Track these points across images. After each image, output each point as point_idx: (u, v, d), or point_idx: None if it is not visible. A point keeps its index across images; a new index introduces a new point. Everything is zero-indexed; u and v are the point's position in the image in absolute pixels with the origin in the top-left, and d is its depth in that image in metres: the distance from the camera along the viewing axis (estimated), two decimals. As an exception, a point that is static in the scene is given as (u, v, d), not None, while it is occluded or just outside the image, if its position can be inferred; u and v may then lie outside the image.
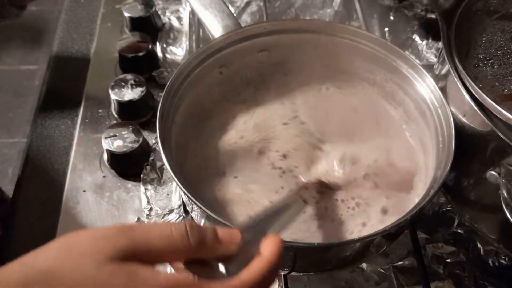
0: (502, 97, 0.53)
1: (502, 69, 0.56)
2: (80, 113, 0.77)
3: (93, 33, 0.88)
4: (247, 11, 0.91)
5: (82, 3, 0.93)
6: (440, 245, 0.65)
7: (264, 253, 0.40)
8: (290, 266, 0.56)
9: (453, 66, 0.56)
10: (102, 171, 0.71)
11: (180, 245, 0.37)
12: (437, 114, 0.59)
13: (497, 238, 0.60)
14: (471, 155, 0.57)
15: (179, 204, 0.67)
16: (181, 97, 0.61)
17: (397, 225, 0.51)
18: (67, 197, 0.69)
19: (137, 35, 0.82)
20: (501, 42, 0.58)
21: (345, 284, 0.62)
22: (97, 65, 0.84)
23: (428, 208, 0.67)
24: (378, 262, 0.63)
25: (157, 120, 0.56)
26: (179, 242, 0.37)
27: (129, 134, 0.70)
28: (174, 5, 0.92)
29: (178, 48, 0.86)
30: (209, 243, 0.39)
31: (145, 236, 0.37)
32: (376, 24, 0.89)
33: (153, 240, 0.37)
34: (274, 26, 0.67)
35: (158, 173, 0.70)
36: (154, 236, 0.37)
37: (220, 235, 0.40)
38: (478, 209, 0.61)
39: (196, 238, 0.38)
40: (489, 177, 0.53)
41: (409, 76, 0.63)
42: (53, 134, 0.75)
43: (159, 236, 0.37)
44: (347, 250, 0.54)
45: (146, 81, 0.75)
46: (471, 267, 0.63)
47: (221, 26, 0.65)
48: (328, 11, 0.90)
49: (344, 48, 0.67)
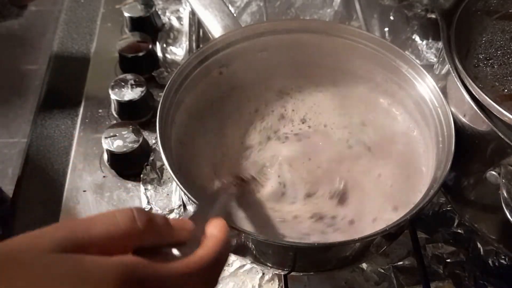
0: (502, 97, 0.53)
1: (502, 69, 0.56)
2: (80, 113, 0.77)
3: (93, 33, 0.88)
4: (247, 11, 0.91)
5: (82, 3, 0.93)
6: (440, 245, 0.65)
7: (213, 233, 0.39)
8: (290, 266, 0.56)
9: (453, 66, 0.56)
10: (102, 171, 0.71)
11: (127, 229, 0.34)
12: (437, 114, 0.59)
13: (497, 238, 0.60)
14: (471, 155, 0.57)
15: (179, 204, 0.67)
16: (181, 97, 0.61)
17: (397, 225, 0.51)
18: (67, 197, 0.69)
19: (137, 35, 0.82)
20: (501, 42, 0.58)
21: (345, 284, 0.62)
22: (97, 65, 0.84)
23: (428, 208, 0.67)
24: (378, 262, 0.63)
25: (157, 120, 0.56)
26: (126, 226, 0.34)
27: (129, 134, 0.70)
28: (174, 5, 0.92)
29: (178, 48, 0.86)
30: (159, 226, 0.36)
31: (87, 224, 0.34)
32: (376, 24, 0.89)
33: (95, 228, 0.33)
34: (274, 26, 0.67)
35: (158, 173, 0.70)
36: (96, 223, 0.34)
37: (171, 221, 0.38)
38: (478, 209, 0.61)
39: (144, 220, 0.35)
40: (489, 177, 0.53)
41: (409, 76, 0.63)
42: (53, 134, 0.75)
43: (103, 223, 0.34)
44: (347, 250, 0.54)
45: (146, 81, 0.75)
46: (471, 267, 0.63)
47: (221, 26, 0.65)
48: (328, 11, 0.90)
49: (344, 48, 0.67)
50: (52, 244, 0.32)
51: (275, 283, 0.61)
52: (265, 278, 0.62)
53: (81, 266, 0.31)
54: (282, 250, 0.53)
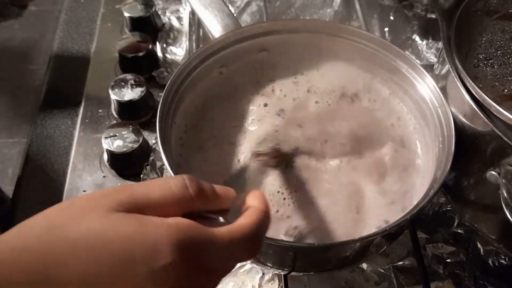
0: (502, 97, 0.53)
1: (502, 69, 0.56)
2: (80, 113, 0.77)
3: (93, 33, 0.88)
4: (247, 11, 0.91)
5: (82, 3, 0.93)
6: (440, 245, 0.65)
7: (253, 203, 0.42)
8: (290, 266, 0.56)
9: (453, 66, 0.56)
10: (102, 171, 0.71)
11: (180, 195, 0.37)
12: (437, 114, 0.59)
13: (497, 238, 0.60)
14: (471, 155, 0.57)
15: (179, 204, 0.67)
16: (181, 97, 0.61)
17: (397, 225, 0.51)
18: (67, 197, 0.69)
19: (137, 35, 0.82)
20: (501, 42, 0.58)
21: (345, 284, 0.62)
22: (97, 65, 0.84)
23: (428, 208, 0.67)
24: (378, 262, 0.63)
25: (157, 120, 0.56)
26: (179, 192, 0.37)
27: (129, 134, 0.70)
28: (174, 5, 0.92)
29: (178, 48, 0.86)
30: (208, 194, 0.39)
31: (145, 188, 0.37)
32: (376, 24, 0.89)
33: (153, 192, 0.37)
34: (274, 26, 0.67)
35: (158, 173, 0.70)
36: (153, 188, 0.37)
37: (217, 189, 0.41)
38: (478, 209, 0.61)
39: (195, 188, 0.38)
40: (489, 177, 0.53)
41: (409, 76, 0.63)
42: (53, 134, 0.75)
43: (159, 189, 0.37)
44: (347, 250, 0.54)
45: (146, 81, 0.75)
46: (471, 267, 0.63)
47: (221, 26, 0.65)
48: (328, 11, 0.90)
49: (344, 48, 0.67)
50: (115, 204, 0.35)
51: (275, 283, 0.61)
52: (265, 278, 0.62)
53: (144, 224, 0.35)
54: (282, 250, 0.53)
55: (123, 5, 0.86)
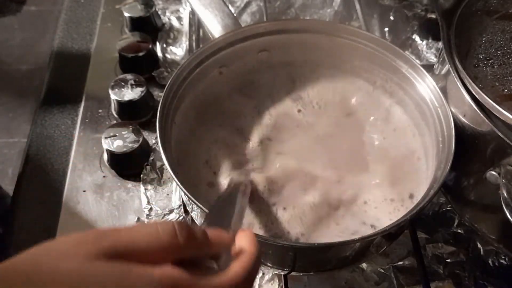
0: (502, 97, 0.53)
1: (502, 69, 0.56)
2: (80, 113, 0.77)
3: (93, 33, 0.88)
4: (247, 11, 0.91)
5: (82, 3, 0.93)
6: (440, 245, 0.65)
7: (245, 247, 0.40)
8: (290, 266, 0.56)
9: (453, 66, 0.56)
10: (102, 171, 0.71)
11: (168, 243, 0.36)
12: (437, 114, 0.59)
13: (497, 238, 0.60)
14: (471, 155, 0.57)
15: (179, 204, 0.67)
16: (181, 97, 0.61)
17: (397, 225, 0.51)
18: (67, 197, 0.69)
19: (137, 35, 0.82)
20: (501, 42, 0.58)
21: (345, 284, 0.62)
22: (97, 65, 0.84)
23: (428, 208, 0.67)
24: (378, 262, 0.63)
25: (157, 120, 0.56)
26: (167, 240, 0.36)
27: (129, 134, 0.70)
28: (174, 5, 0.92)
29: (178, 48, 0.86)
30: (199, 241, 0.38)
31: (130, 235, 0.35)
32: (376, 24, 0.89)
33: (138, 240, 0.35)
34: (274, 26, 0.67)
35: (158, 173, 0.70)
36: (139, 235, 0.35)
37: (210, 234, 0.39)
38: (478, 209, 0.61)
39: (185, 235, 0.36)
40: (489, 177, 0.53)
41: (409, 76, 0.63)
42: (53, 134, 0.75)
43: (145, 235, 0.35)
44: (347, 250, 0.54)
45: (146, 81, 0.75)
46: (471, 267, 0.63)
47: (221, 26, 0.65)
48: (328, 11, 0.90)
49: (344, 48, 0.67)
50: (98, 251, 0.33)
51: (275, 283, 0.61)
52: (265, 278, 0.62)
53: (127, 275, 0.33)
54: (282, 250, 0.53)
55: (123, 5, 0.86)
